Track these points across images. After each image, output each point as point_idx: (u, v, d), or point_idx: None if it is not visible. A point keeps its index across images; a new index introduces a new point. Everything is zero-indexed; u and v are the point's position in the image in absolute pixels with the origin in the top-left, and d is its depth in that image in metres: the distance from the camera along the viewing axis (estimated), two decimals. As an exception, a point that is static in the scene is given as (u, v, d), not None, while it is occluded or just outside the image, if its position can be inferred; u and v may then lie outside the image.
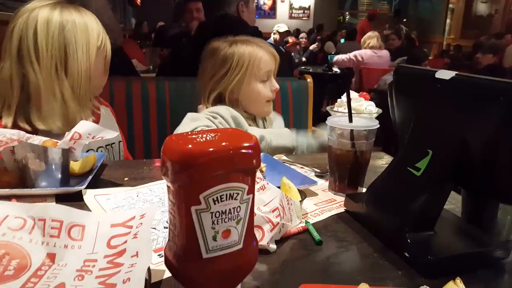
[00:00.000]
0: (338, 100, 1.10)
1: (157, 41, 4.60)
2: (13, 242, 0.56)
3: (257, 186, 0.74)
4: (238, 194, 0.51)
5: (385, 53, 5.37)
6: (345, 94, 1.00)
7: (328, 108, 1.11)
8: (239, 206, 0.52)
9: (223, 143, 0.49)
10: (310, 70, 6.22)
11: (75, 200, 0.87)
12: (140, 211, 0.61)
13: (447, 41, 9.96)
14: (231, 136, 0.52)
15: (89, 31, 1.12)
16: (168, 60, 2.24)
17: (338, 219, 0.84)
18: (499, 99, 0.58)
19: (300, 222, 0.80)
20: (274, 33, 5.92)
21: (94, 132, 0.92)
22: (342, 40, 8.16)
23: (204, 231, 0.50)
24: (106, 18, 1.74)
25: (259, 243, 0.68)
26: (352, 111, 0.97)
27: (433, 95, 0.72)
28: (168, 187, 0.50)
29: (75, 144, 0.92)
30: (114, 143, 1.33)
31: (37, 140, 0.93)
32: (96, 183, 0.96)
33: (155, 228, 0.76)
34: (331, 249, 0.72)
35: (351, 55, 5.37)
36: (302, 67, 6.24)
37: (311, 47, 7.47)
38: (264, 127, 1.37)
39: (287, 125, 1.80)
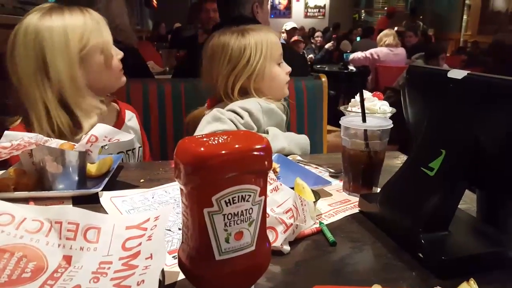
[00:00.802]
0: (352, 99, 1.10)
1: (173, 42, 4.64)
2: (30, 244, 0.57)
3: (270, 187, 0.74)
4: (250, 196, 0.51)
5: (401, 50, 5.31)
6: (358, 94, 1.00)
7: (341, 107, 1.11)
8: (251, 208, 0.52)
9: (235, 145, 0.50)
10: (326, 69, 6.20)
11: (91, 202, 0.88)
12: (155, 213, 0.62)
13: (464, 37, 9.78)
14: (243, 138, 0.53)
15: (68, 35, 1.11)
16: (184, 61, 2.26)
17: (352, 219, 0.84)
18: (511, 98, 0.57)
19: (314, 223, 0.80)
20: (282, 32, 5.91)
21: (111, 135, 0.93)
22: (358, 38, 8.10)
23: (216, 233, 0.50)
24: (117, 18, 1.77)
25: (273, 245, 0.69)
26: (366, 111, 0.96)
27: (446, 94, 0.71)
28: (181, 189, 0.51)
29: (92, 146, 0.94)
30: (134, 148, 1.35)
31: (55, 143, 0.94)
32: (112, 185, 0.98)
33: (169, 230, 0.77)
34: (345, 250, 0.72)
35: (367, 53, 5.33)
36: (318, 66, 6.21)
37: (327, 46, 7.43)
38: (287, 112, 1.35)
39: (302, 124, 1.80)
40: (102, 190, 0.91)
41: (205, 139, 0.51)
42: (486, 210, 0.74)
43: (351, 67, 5.90)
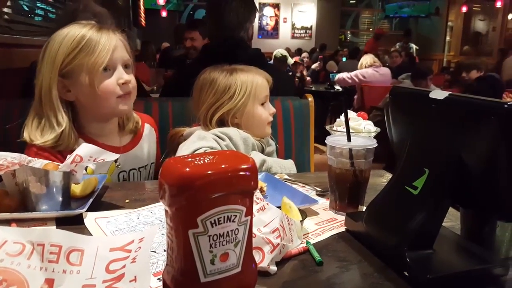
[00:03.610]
0: (338, 119, 1.11)
1: (161, 61, 4.67)
2: (11, 268, 0.56)
3: (257, 207, 0.74)
4: (236, 216, 0.51)
5: (386, 70, 5.41)
6: (343, 114, 1.01)
7: (327, 127, 1.12)
8: (237, 229, 0.52)
9: (221, 166, 0.50)
10: (313, 89, 6.28)
11: (75, 223, 0.87)
12: (139, 235, 0.62)
13: (447, 57, 10.04)
14: (229, 159, 0.53)
15: (61, 45, 1.13)
16: (171, 81, 2.26)
17: (338, 238, 0.84)
18: (491, 119, 0.59)
19: (301, 242, 0.80)
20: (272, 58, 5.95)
21: (95, 155, 0.93)
22: (344, 59, 8.24)
23: (202, 254, 0.50)
24: None
25: (259, 265, 0.68)
26: (351, 130, 0.97)
27: (428, 115, 0.73)
28: (165, 211, 0.50)
29: (77, 166, 0.93)
30: (147, 164, 1.36)
31: (39, 163, 0.93)
32: (97, 206, 0.96)
33: (154, 252, 0.76)
34: (332, 269, 0.72)
35: (352, 74, 5.41)
36: (305, 87, 6.29)
37: (313, 66, 7.55)
38: (263, 148, 1.38)
39: (289, 143, 1.81)
40: (87, 211, 0.90)
41: (190, 159, 0.51)
42: (470, 227, 0.75)
43: (337, 87, 5.98)
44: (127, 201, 1.01)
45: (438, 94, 0.71)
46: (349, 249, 0.79)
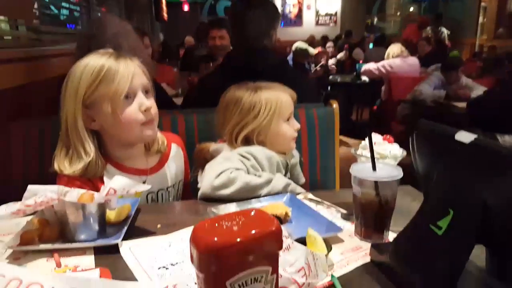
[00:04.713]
0: (362, 142, 1.12)
1: (184, 62, 4.70)
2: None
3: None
4: (262, 276, 0.54)
5: (414, 60, 5.28)
6: (367, 138, 1.01)
7: (352, 151, 1.13)
8: (264, 287, 0.55)
9: (247, 231, 0.53)
10: (339, 80, 6.20)
11: (112, 252, 0.92)
12: (173, 281, 0.66)
13: (480, 41, 9.65)
14: (255, 221, 0.55)
15: (82, 77, 1.17)
16: (194, 91, 2.30)
17: (363, 270, 0.85)
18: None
19: (326, 276, 0.82)
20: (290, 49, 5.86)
21: (128, 187, 0.97)
22: (371, 46, 8.06)
23: (231, 314, 0.53)
24: (139, 55, 1.80)
25: (286, 304, 0.71)
26: (376, 156, 0.98)
27: (453, 156, 0.73)
28: (196, 273, 0.54)
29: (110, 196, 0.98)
30: (175, 183, 1.39)
31: (75, 192, 0.99)
32: (131, 232, 1.01)
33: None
34: (357, 307, 0.74)
35: (379, 65, 5.30)
36: (330, 77, 6.20)
37: (339, 56, 7.42)
38: (287, 164, 1.40)
39: (313, 152, 1.82)
40: (122, 239, 0.95)
41: (217, 224, 0.54)
42: (496, 265, 0.75)
43: (364, 77, 5.88)
44: (158, 226, 1.06)
45: (464, 136, 0.71)
46: (374, 283, 0.81)
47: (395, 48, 5.28)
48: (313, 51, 5.99)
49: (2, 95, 1.64)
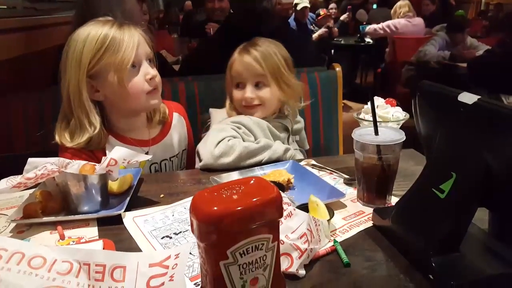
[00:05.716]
0: (365, 106, 1.10)
1: (184, 27, 4.60)
2: (62, 286, 0.62)
3: (284, 213, 0.76)
4: (263, 244, 0.54)
5: (419, 21, 5.15)
6: (369, 102, 0.99)
7: (354, 115, 1.11)
8: (265, 255, 0.55)
9: (247, 200, 0.52)
10: (342, 42, 6.07)
11: (115, 223, 0.93)
12: (175, 250, 0.66)
13: (485, -1, 9.37)
14: (255, 190, 0.55)
15: (85, 46, 1.13)
16: (192, 56, 2.26)
17: (366, 235, 0.86)
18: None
19: (329, 241, 0.82)
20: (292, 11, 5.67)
21: (129, 157, 0.97)
22: (375, 6, 7.84)
23: (233, 282, 0.53)
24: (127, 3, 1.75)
25: (288, 270, 0.72)
26: (378, 119, 0.97)
27: (456, 118, 0.71)
28: (197, 243, 0.54)
29: (112, 167, 0.97)
30: (178, 153, 1.38)
31: (76, 165, 0.98)
32: (134, 201, 1.01)
33: (190, 253, 0.81)
34: (359, 270, 0.75)
35: (384, 25, 5.18)
36: (334, 39, 6.06)
37: (342, 17, 7.23)
38: (287, 128, 1.39)
39: (317, 117, 1.80)
40: (125, 210, 0.96)
41: (216, 193, 0.53)
42: (498, 228, 0.75)
43: (368, 39, 5.76)
44: (162, 195, 1.06)
45: (467, 97, 0.69)
46: (376, 247, 0.81)
47: (403, 4, 5.13)
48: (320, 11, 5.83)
49: (-1, 67, 1.62)
